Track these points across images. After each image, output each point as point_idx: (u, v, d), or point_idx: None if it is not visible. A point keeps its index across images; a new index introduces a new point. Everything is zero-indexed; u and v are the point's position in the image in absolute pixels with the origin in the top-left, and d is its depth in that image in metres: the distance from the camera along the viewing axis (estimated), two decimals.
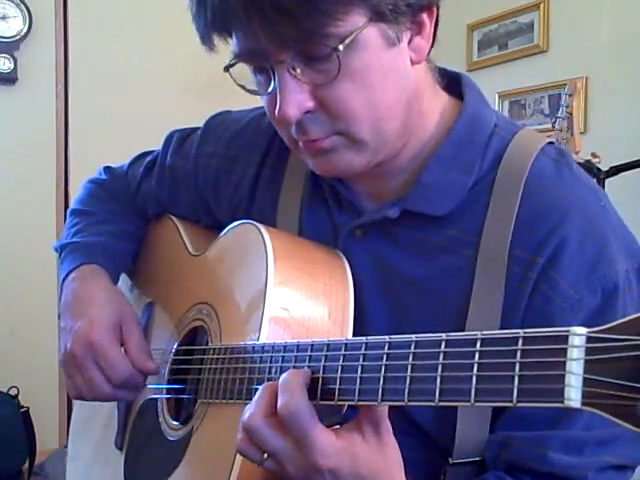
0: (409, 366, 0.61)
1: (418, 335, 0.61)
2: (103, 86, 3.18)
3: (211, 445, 0.83)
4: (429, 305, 0.83)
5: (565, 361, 0.50)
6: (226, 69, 0.79)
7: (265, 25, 0.71)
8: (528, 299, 0.78)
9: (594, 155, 2.25)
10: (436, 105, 0.86)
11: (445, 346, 0.59)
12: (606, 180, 2.25)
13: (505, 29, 3.16)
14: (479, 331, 0.57)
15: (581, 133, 2.35)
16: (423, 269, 0.84)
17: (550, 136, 2.16)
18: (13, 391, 2.88)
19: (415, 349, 0.61)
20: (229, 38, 0.77)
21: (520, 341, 0.53)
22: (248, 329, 0.82)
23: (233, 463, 0.75)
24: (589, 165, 2.21)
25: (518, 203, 0.80)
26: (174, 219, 1.14)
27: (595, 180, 2.19)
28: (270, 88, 0.77)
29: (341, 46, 0.72)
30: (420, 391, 0.59)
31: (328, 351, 0.68)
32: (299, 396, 0.65)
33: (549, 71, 2.93)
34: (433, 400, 0.58)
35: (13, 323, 3.06)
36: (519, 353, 0.53)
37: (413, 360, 0.60)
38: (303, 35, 0.72)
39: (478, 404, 0.55)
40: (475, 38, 3.31)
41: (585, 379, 0.49)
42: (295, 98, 0.75)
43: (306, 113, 0.77)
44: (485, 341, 0.56)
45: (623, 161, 2.30)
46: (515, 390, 0.52)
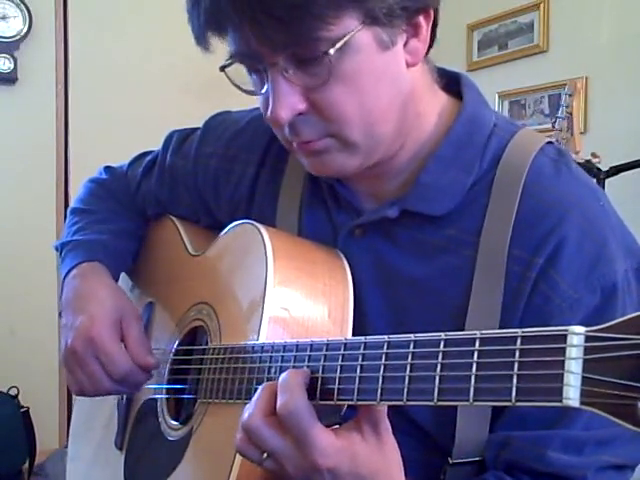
0: (408, 366, 0.61)
1: (417, 335, 0.61)
2: (103, 86, 3.18)
3: (211, 445, 0.83)
4: (428, 305, 0.83)
5: (564, 360, 0.50)
6: (221, 69, 0.79)
7: (256, 29, 0.72)
8: (527, 299, 0.78)
9: (594, 155, 2.25)
10: (434, 105, 0.86)
11: (444, 345, 0.59)
12: (606, 180, 2.25)
13: (505, 29, 3.16)
14: (478, 330, 0.57)
15: (581, 133, 2.36)
16: (422, 269, 0.84)
17: (550, 136, 2.16)
18: (13, 391, 2.88)
19: (414, 348, 0.61)
20: (225, 38, 0.77)
21: (519, 340, 0.53)
22: (248, 329, 0.82)
23: (233, 463, 0.75)
24: (589, 165, 2.21)
25: (517, 203, 0.80)
26: (174, 219, 1.14)
27: (595, 180, 2.20)
28: (264, 89, 0.77)
29: (332, 50, 0.72)
30: (419, 391, 0.59)
31: (327, 351, 0.68)
32: (298, 396, 0.65)
33: (549, 71, 2.93)
34: (432, 400, 0.58)
35: (13, 323, 3.06)
36: (518, 352, 0.53)
37: (412, 360, 0.60)
38: (293, 39, 0.71)
39: (477, 403, 0.55)
40: (475, 38, 3.31)
41: (584, 378, 0.49)
42: (287, 100, 0.75)
43: (298, 115, 0.77)
44: (484, 340, 0.56)
45: (623, 161, 2.30)
46: (514, 389, 0.52)
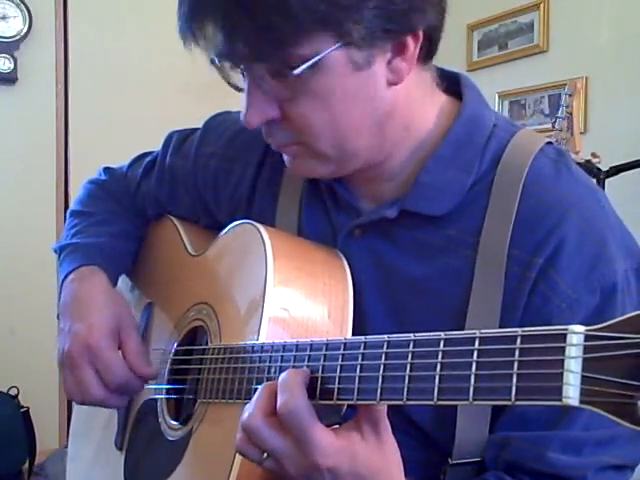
0: (408, 365, 0.61)
1: (417, 334, 0.61)
2: (103, 86, 3.18)
3: (210, 445, 0.83)
4: (428, 305, 0.83)
5: (563, 359, 0.50)
6: (211, 62, 0.79)
7: (224, 41, 0.73)
8: (527, 299, 0.78)
9: (594, 155, 2.25)
10: (432, 109, 0.85)
11: (444, 345, 0.59)
12: (606, 180, 2.25)
13: (505, 29, 3.16)
14: (477, 330, 0.57)
15: (581, 133, 2.36)
16: (422, 269, 0.84)
17: (550, 136, 2.16)
18: (13, 391, 2.88)
19: (414, 348, 0.61)
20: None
21: (518, 340, 0.53)
22: (247, 329, 0.82)
23: (232, 463, 0.75)
24: (589, 165, 2.21)
25: (517, 203, 0.80)
26: (174, 219, 1.14)
27: (595, 180, 2.20)
28: (244, 89, 0.79)
29: (298, 70, 0.72)
30: (419, 390, 0.59)
31: (327, 350, 0.68)
32: (298, 395, 0.65)
33: (549, 71, 2.93)
34: (432, 399, 0.58)
35: (13, 323, 3.06)
36: (517, 351, 0.53)
37: (412, 359, 0.60)
38: (259, 56, 0.73)
39: (477, 403, 0.55)
40: (475, 38, 3.30)
41: (583, 377, 0.49)
42: (258, 107, 0.77)
43: (271, 121, 0.78)
44: (484, 340, 0.56)
45: (623, 161, 2.30)
46: (514, 388, 0.52)
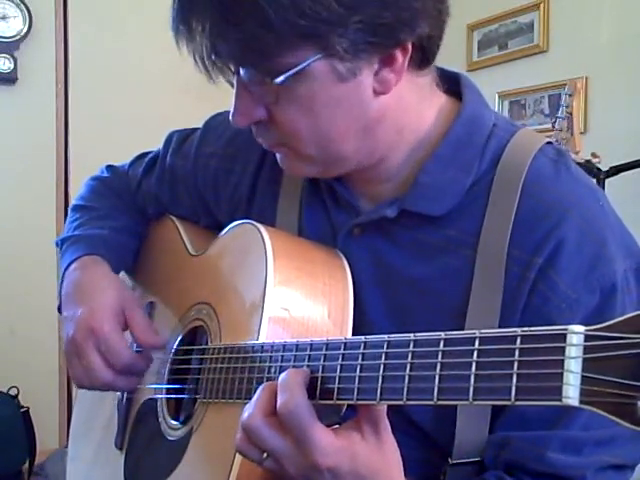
0: (408, 365, 0.61)
1: (417, 334, 0.61)
2: (103, 86, 3.18)
3: (211, 445, 0.83)
4: (428, 305, 0.83)
5: (563, 359, 0.50)
6: (195, 62, 0.80)
7: (208, 48, 0.74)
8: (526, 299, 0.78)
9: (594, 155, 2.25)
10: (430, 111, 0.85)
11: (444, 345, 0.59)
12: (606, 180, 2.25)
13: (505, 29, 3.16)
14: (477, 330, 0.57)
15: (581, 133, 2.35)
16: (422, 269, 0.84)
17: (550, 136, 2.16)
18: (13, 391, 2.88)
19: (414, 348, 0.61)
20: None
21: (518, 339, 0.53)
22: (248, 329, 0.82)
23: (232, 463, 0.75)
24: (589, 165, 2.21)
25: (516, 203, 0.80)
26: (174, 219, 1.14)
27: (595, 180, 2.20)
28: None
29: (281, 77, 0.73)
30: (419, 390, 0.59)
31: (327, 350, 0.68)
32: (298, 395, 0.65)
33: (549, 71, 2.93)
34: (432, 399, 0.58)
35: (13, 323, 3.06)
36: (517, 351, 0.53)
37: (412, 359, 0.61)
38: (242, 64, 0.75)
39: (477, 403, 0.55)
40: (475, 38, 3.30)
41: (583, 377, 0.49)
42: (244, 108, 0.79)
43: (258, 122, 0.80)
44: (483, 340, 0.56)
45: (623, 161, 2.30)
46: (513, 388, 0.52)
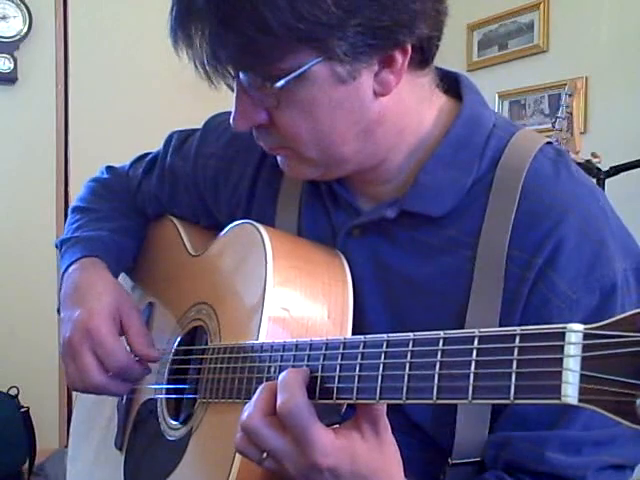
0: (407, 364, 0.61)
1: (416, 333, 0.61)
2: (103, 86, 3.18)
3: (210, 445, 0.83)
4: (428, 305, 0.83)
5: (562, 358, 0.50)
6: (196, 67, 0.80)
7: (207, 55, 0.74)
8: (526, 299, 0.78)
9: (594, 155, 2.25)
10: (429, 112, 0.85)
11: (443, 344, 0.59)
12: (606, 180, 2.25)
13: (505, 29, 3.16)
14: (477, 329, 0.57)
15: (581, 133, 2.35)
16: (422, 269, 0.84)
17: (550, 136, 2.16)
18: (13, 391, 2.88)
19: (413, 347, 0.61)
20: None
21: (517, 338, 0.53)
22: (247, 329, 0.82)
23: (232, 462, 0.75)
24: (589, 165, 2.20)
25: (516, 203, 0.80)
26: (174, 219, 1.14)
27: (595, 180, 2.20)
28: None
29: (280, 82, 0.73)
30: (418, 389, 0.60)
31: (327, 350, 0.68)
32: (298, 394, 0.65)
33: (549, 71, 2.93)
34: (431, 398, 0.58)
35: (13, 323, 3.06)
36: (516, 350, 0.53)
37: (411, 358, 0.61)
38: (243, 69, 0.75)
39: (476, 402, 0.55)
40: (475, 38, 3.30)
41: (582, 376, 0.49)
42: (245, 112, 0.79)
43: (259, 125, 0.80)
44: (482, 339, 0.56)
45: (623, 161, 2.30)
46: (512, 387, 0.53)
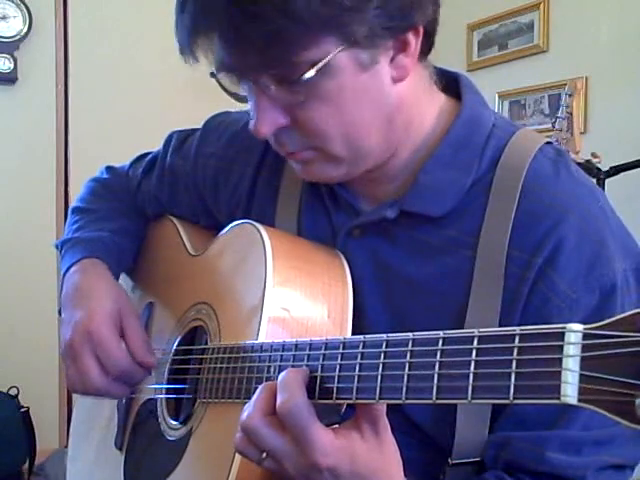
0: (407, 364, 0.61)
1: (415, 333, 0.61)
2: (103, 86, 3.18)
3: (210, 444, 0.83)
4: (428, 306, 0.83)
5: (561, 358, 0.50)
6: (212, 75, 0.79)
7: (232, 52, 0.73)
8: (526, 299, 0.78)
9: (594, 155, 2.25)
10: (431, 108, 0.86)
11: (442, 344, 0.59)
12: (606, 180, 2.25)
13: (505, 29, 3.16)
14: (476, 329, 0.57)
15: (581, 133, 2.35)
16: (421, 269, 0.84)
17: (550, 136, 2.17)
18: (13, 391, 2.88)
19: (412, 347, 0.61)
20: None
21: (517, 338, 0.53)
22: (247, 329, 0.82)
23: (232, 462, 0.75)
24: (589, 165, 2.21)
25: (516, 203, 0.80)
26: (173, 219, 1.14)
27: (595, 180, 2.20)
28: (250, 100, 0.79)
29: (309, 73, 0.72)
30: (418, 389, 0.60)
31: (326, 350, 0.68)
32: (298, 394, 0.65)
33: (549, 71, 2.93)
34: (431, 398, 0.58)
35: (13, 323, 3.06)
36: (516, 350, 0.53)
37: (411, 358, 0.61)
38: (270, 63, 0.73)
39: (475, 401, 0.55)
40: (475, 38, 3.31)
41: (581, 375, 0.49)
42: (268, 116, 0.77)
43: (282, 128, 0.78)
44: (482, 339, 0.56)
45: (623, 161, 2.31)
46: (512, 387, 0.53)
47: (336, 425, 0.68)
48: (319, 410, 0.66)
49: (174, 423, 0.93)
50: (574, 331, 0.50)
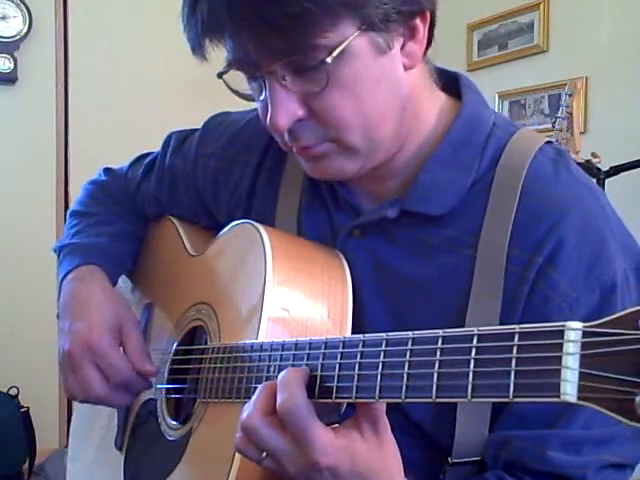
0: (406, 363, 0.61)
1: (415, 332, 0.61)
2: (103, 86, 3.18)
3: (210, 444, 0.83)
4: (428, 305, 0.83)
5: (561, 356, 0.50)
6: (219, 76, 0.79)
7: (253, 38, 0.72)
8: (526, 299, 0.78)
9: (594, 155, 2.25)
10: (433, 106, 0.86)
11: (442, 342, 0.59)
12: (606, 180, 2.25)
13: (505, 29, 3.16)
14: (476, 327, 0.57)
15: (581, 133, 2.35)
16: (422, 269, 0.84)
17: (550, 136, 2.16)
18: (13, 391, 2.88)
19: (412, 346, 0.61)
20: (222, 46, 0.77)
21: (516, 336, 0.53)
22: (247, 329, 0.82)
23: (232, 462, 0.75)
24: (589, 165, 2.21)
25: (516, 203, 0.80)
26: (173, 220, 1.14)
27: (595, 180, 2.20)
28: (262, 96, 0.78)
29: (329, 58, 0.72)
30: (417, 388, 0.59)
31: (326, 349, 0.68)
32: (298, 394, 0.65)
33: (549, 71, 2.93)
34: (430, 397, 0.58)
35: (13, 323, 3.06)
36: (515, 348, 0.53)
37: (410, 357, 0.61)
38: (291, 47, 0.72)
39: (475, 400, 0.55)
40: (475, 38, 3.31)
41: (581, 373, 0.49)
42: (285, 108, 0.76)
43: (297, 121, 0.77)
44: (481, 337, 0.56)
45: (623, 161, 2.31)
46: (511, 385, 0.52)
47: (336, 424, 0.68)
48: (319, 409, 0.66)
49: (174, 423, 0.93)
50: (574, 329, 0.50)
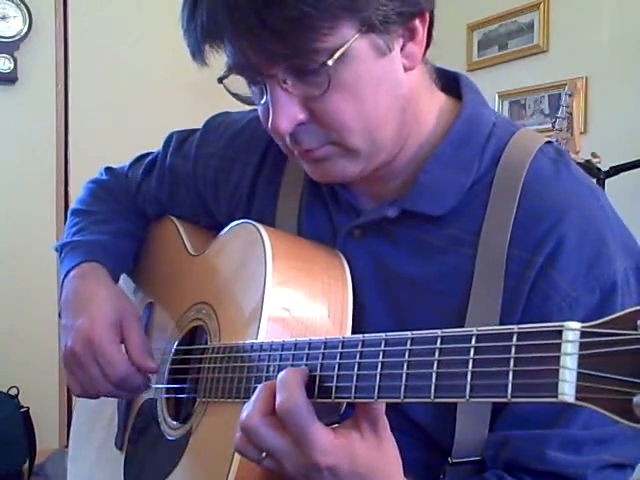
0: (405, 363, 0.61)
1: (414, 332, 0.61)
2: (103, 86, 3.18)
3: (210, 444, 0.83)
4: (428, 305, 0.83)
5: (559, 356, 0.50)
6: (219, 81, 0.79)
7: (253, 42, 0.72)
8: (527, 298, 0.78)
9: (594, 155, 2.25)
10: (433, 106, 0.86)
11: (441, 342, 0.59)
12: (606, 180, 2.25)
13: (505, 29, 3.16)
14: (475, 327, 0.57)
15: (581, 133, 2.36)
16: (422, 269, 0.84)
17: (550, 136, 2.16)
18: (13, 391, 2.88)
19: (411, 346, 0.61)
20: (222, 51, 0.77)
21: (515, 337, 0.53)
22: (247, 329, 0.82)
23: (231, 462, 0.75)
24: (589, 165, 2.21)
25: (516, 203, 0.80)
26: (174, 219, 1.14)
27: (595, 180, 2.20)
28: (263, 100, 0.78)
29: (330, 61, 0.72)
30: (416, 388, 0.60)
31: (325, 349, 0.68)
32: (297, 393, 0.65)
33: (549, 71, 2.93)
34: (429, 397, 0.58)
35: (13, 323, 3.06)
36: (514, 348, 0.53)
37: (409, 357, 0.61)
38: (291, 51, 0.72)
39: (473, 400, 0.55)
40: (475, 38, 3.31)
41: (579, 374, 0.49)
42: (286, 112, 0.76)
43: (299, 124, 0.77)
44: (480, 337, 0.56)
45: (623, 161, 2.31)
46: (510, 385, 0.53)
47: (335, 424, 0.68)
48: (318, 409, 0.66)
49: (174, 423, 0.93)
50: (572, 329, 0.50)
